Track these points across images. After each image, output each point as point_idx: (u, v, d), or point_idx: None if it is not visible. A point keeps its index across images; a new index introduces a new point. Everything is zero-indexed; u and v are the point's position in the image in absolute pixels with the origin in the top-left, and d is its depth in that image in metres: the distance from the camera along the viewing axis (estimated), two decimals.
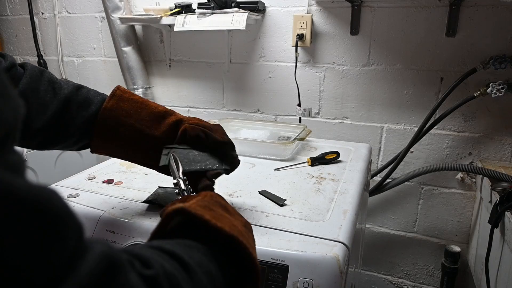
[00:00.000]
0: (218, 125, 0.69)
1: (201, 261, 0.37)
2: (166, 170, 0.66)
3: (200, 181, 0.65)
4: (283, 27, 1.49)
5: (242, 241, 0.41)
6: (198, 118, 0.69)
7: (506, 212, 0.99)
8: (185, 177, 0.59)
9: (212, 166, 0.64)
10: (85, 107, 0.63)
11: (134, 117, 0.64)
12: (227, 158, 0.67)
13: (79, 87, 0.65)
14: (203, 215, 0.40)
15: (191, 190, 0.58)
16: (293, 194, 0.82)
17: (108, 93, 0.66)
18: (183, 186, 0.58)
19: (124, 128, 0.64)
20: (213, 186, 0.66)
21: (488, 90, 1.23)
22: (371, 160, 1.22)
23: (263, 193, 0.82)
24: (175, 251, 0.35)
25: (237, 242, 0.41)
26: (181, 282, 0.32)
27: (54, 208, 0.22)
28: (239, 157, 0.69)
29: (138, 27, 1.71)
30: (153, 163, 0.67)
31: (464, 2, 1.25)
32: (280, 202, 0.77)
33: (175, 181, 0.59)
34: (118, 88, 0.66)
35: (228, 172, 0.67)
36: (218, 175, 0.67)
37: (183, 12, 1.51)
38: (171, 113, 0.67)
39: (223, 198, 0.50)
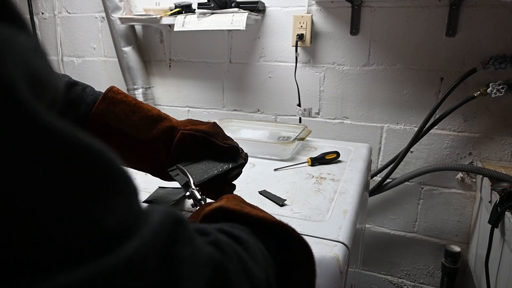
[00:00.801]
0: (215, 125, 0.67)
1: (249, 238, 0.35)
2: (164, 176, 0.66)
3: (223, 190, 0.65)
4: (283, 27, 1.49)
5: (287, 224, 0.39)
6: (191, 121, 0.67)
7: (506, 212, 0.99)
8: (197, 188, 0.59)
9: (229, 166, 0.63)
10: (75, 106, 0.62)
11: (124, 122, 0.62)
12: (235, 158, 0.66)
13: (73, 84, 0.63)
14: (241, 209, 0.39)
15: (206, 198, 0.58)
16: (293, 194, 0.82)
17: None
18: (199, 196, 0.57)
19: (114, 133, 0.62)
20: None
21: (488, 90, 1.23)
22: (371, 160, 1.22)
23: (263, 193, 0.81)
24: (223, 227, 0.34)
25: (283, 228, 0.39)
26: (237, 250, 0.31)
27: (117, 165, 0.22)
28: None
29: (138, 27, 1.71)
30: (147, 168, 0.67)
31: (464, 2, 1.25)
32: (280, 202, 0.77)
33: (188, 193, 0.58)
34: (110, 89, 0.64)
35: (243, 165, 0.67)
36: (238, 175, 0.66)
37: (183, 12, 1.51)
38: (164, 117, 0.66)
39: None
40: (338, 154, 1.03)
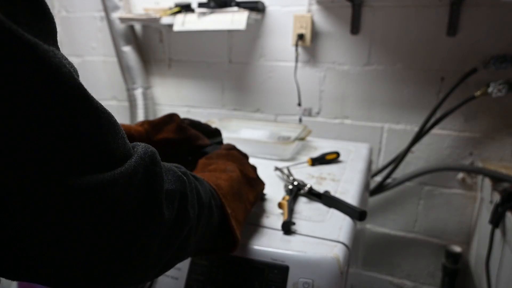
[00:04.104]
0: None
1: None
2: None
3: None
4: (283, 27, 1.49)
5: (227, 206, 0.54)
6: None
7: (507, 212, 0.99)
8: None
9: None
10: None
11: None
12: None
13: None
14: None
15: None
16: None
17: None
18: None
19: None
20: None
21: (489, 90, 1.23)
22: (371, 160, 1.21)
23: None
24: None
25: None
26: (194, 181, 0.46)
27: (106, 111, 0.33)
28: None
29: (137, 27, 1.71)
30: None
31: (465, 2, 1.25)
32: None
33: None
34: None
35: None
36: None
37: (183, 11, 1.50)
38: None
39: None
40: (338, 154, 1.03)
